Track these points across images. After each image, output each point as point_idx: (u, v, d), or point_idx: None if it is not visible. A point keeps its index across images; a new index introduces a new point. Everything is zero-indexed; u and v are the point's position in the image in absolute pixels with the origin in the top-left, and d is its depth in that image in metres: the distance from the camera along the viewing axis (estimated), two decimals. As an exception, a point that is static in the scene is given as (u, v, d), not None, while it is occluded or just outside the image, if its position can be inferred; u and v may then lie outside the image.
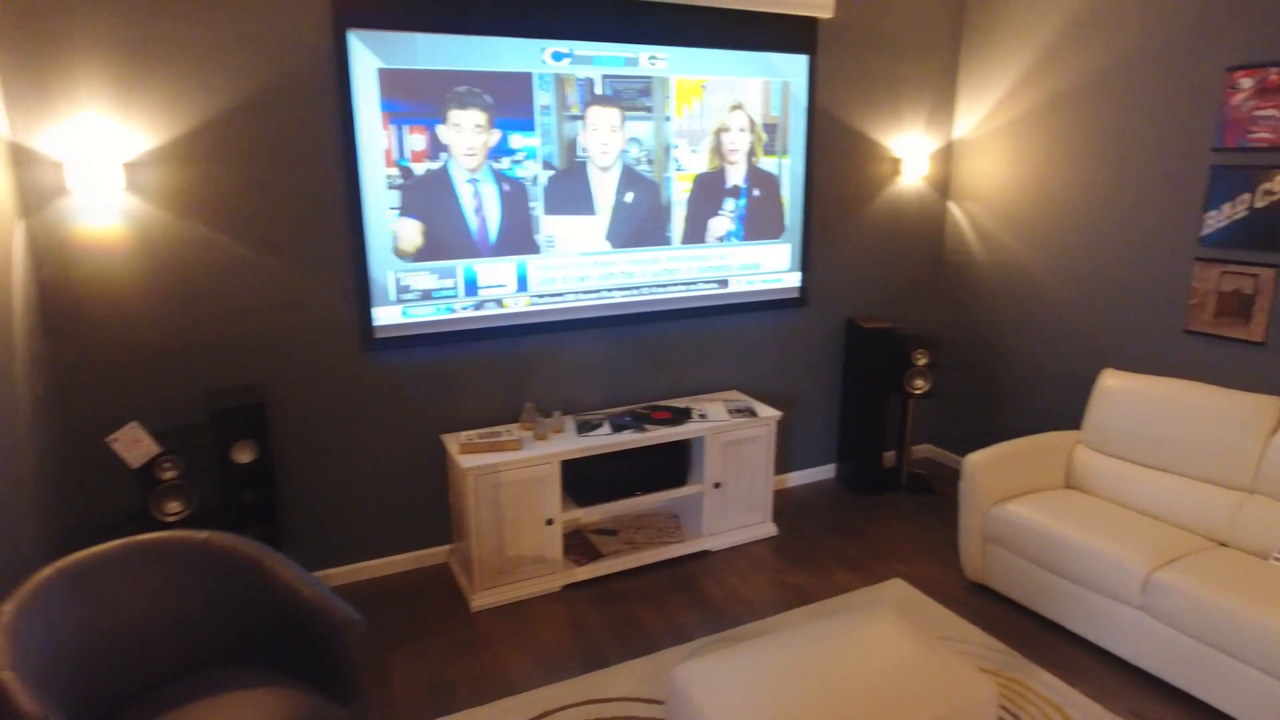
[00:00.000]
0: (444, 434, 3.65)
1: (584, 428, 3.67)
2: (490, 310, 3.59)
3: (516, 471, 3.36)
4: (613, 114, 3.65)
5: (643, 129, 3.73)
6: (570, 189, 3.63)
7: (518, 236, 3.57)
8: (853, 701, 2.18)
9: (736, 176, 4.03)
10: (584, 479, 3.59)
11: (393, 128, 3.24)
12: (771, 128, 4.06)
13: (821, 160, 4.31)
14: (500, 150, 3.45)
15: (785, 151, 4.13)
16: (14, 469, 2.47)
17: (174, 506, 3.00)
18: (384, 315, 3.39)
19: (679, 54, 3.73)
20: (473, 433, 3.52)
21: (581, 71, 3.54)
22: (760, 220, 4.15)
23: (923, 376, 4.47)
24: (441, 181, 3.37)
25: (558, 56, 3.48)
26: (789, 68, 4.03)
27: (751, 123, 4.00)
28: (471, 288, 3.53)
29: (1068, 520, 3.20)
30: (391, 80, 3.20)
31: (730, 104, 3.92)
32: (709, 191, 3.98)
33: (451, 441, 3.53)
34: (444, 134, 3.34)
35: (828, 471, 4.83)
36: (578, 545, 3.81)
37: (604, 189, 3.71)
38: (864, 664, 2.33)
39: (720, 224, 4.05)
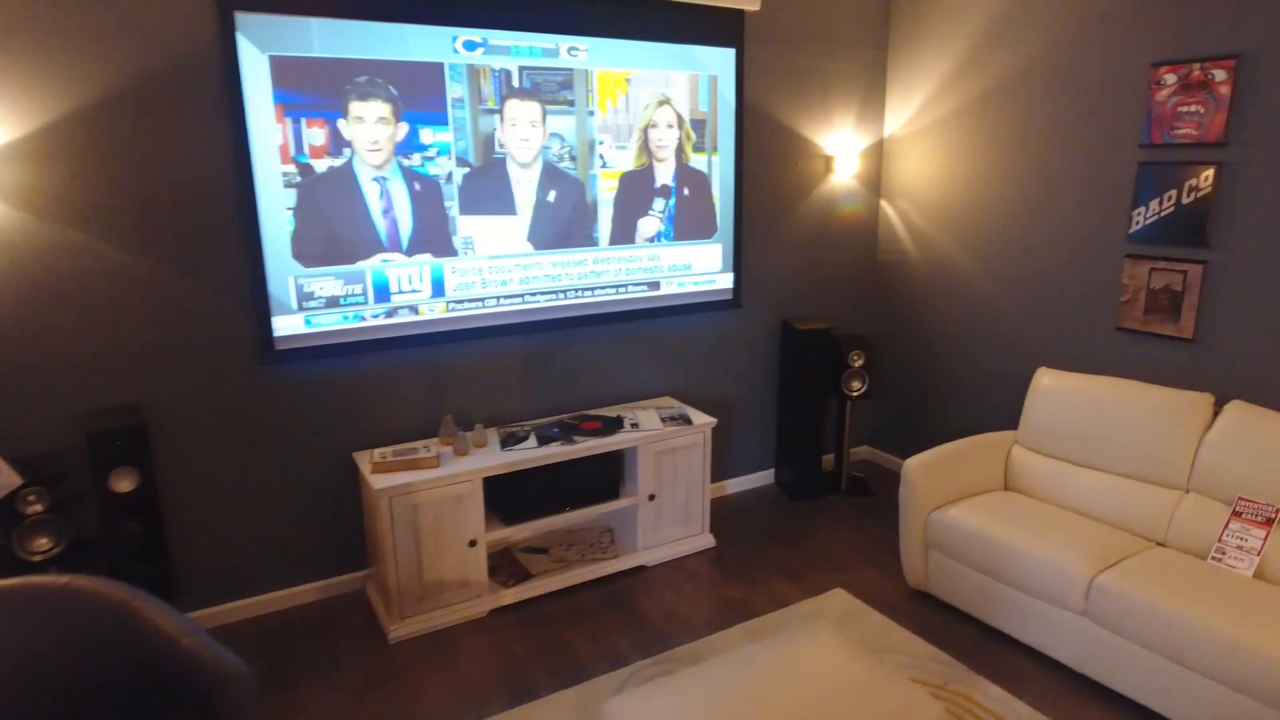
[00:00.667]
0: (356, 452, 3.39)
1: (509, 441, 3.45)
2: (404, 318, 3.34)
3: (434, 491, 3.13)
4: (532, 108, 3.44)
5: (565, 124, 3.53)
6: (488, 187, 3.41)
7: (432, 238, 3.33)
8: (793, 734, 2.02)
9: (665, 175, 3.87)
10: (509, 496, 3.37)
11: (288, 121, 2.97)
12: (700, 124, 3.91)
13: (752, 158, 4.18)
14: (409, 146, 3.21)
15: (715, 149, 3.98)
16: None
17: (42, 544, 2.68)
18: (285, 325, 3.11)
19: (600, 45, 3.55)
20: (386, 450, 3.27)
21: (497, 62, 3.33)
22: (691, 220, 3.99)
23: (859, 378, 4.39)
24: (345, 179, 3.12)
25: (470, 46, 3.26)
26: (716, 62, 3.88)
27: (679, 119, 3.84)
28: (382, 294, 3.27)
29: (1008, 525, 3.12)
30: (284, 69, 2.93)
31: (657, 99, 3.75)
32: (637, 190, 3.80)
33: (363, 460, 3.27)
34: (345, 128, 3.08)
35: (766, 477, 4.70)
36: (505, 565, 3.58)
37: (525, 187, 3.50)
38: (805, 691, 2.18)
39: (649, 224, 3.88)
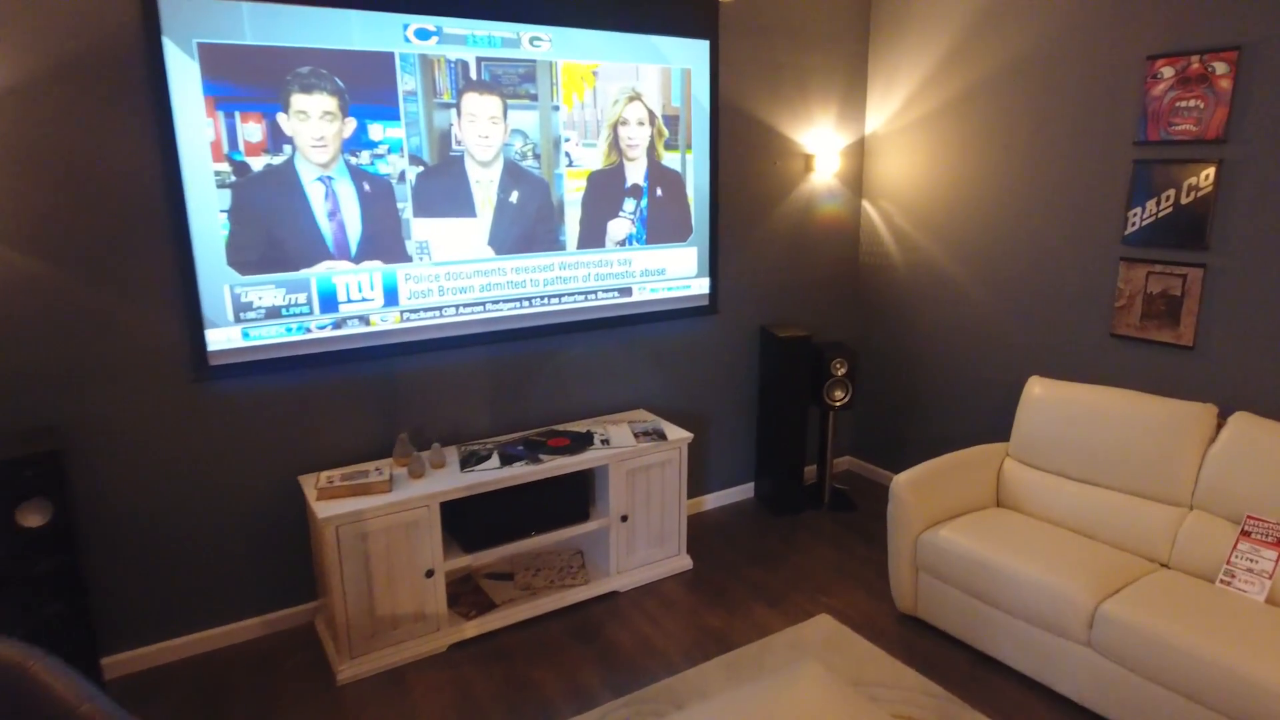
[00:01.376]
0: (302, 475, 3.12)
1: (469, 460, 3.20)
2: (354, 329, 3.08)
3: (387, 518, 2.87)
4: (492, 102, 3.20)
5: (527, 119, 3.29)
6: (445, 187, 3.16)
7: (383, 243, 3.07)
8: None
9: (636, 174, 3.64)
10: (470, 521, 3.12)
11: (220, 115, 2.70)
12: (673, 120, 3.69)
13: (728, 156, 3.96)
14: (357, 143, 2.95)
15: (689, 147, 3.76)
16: None
17: (-63, 588, 2.39)
18: (220, 338, 2.84)
19: (565, 35, 3.31)
20: (334, 473, 3.00)
21: (453, 52, 3.08)
22: (664, 222, 3.77)
23: (842, 387, 4.19)
24: (285, 179, 2.85)
25: (423, 35, 3.01)
26: (689, 55, 3.66)
27: (651, 115, 3.62)
28: (329, 303, 3.01)
29: (1004, 546, 2.93)
30: (215, 57, 2.66)
31: (627, 94, 3.53)
32: (606, 190, 3.57)
33: (309, 484, 3.00)
34: (286, 123, 2.82)
35: (745, 491, 4.49)
36: (468, 594, 3.33)
37: (485, 187, 3.25)
38: (792, 746, 1.95)
39: (620, 226, 3.65)
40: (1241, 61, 2.86)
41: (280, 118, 2.81)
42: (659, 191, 3.72)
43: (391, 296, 3.13)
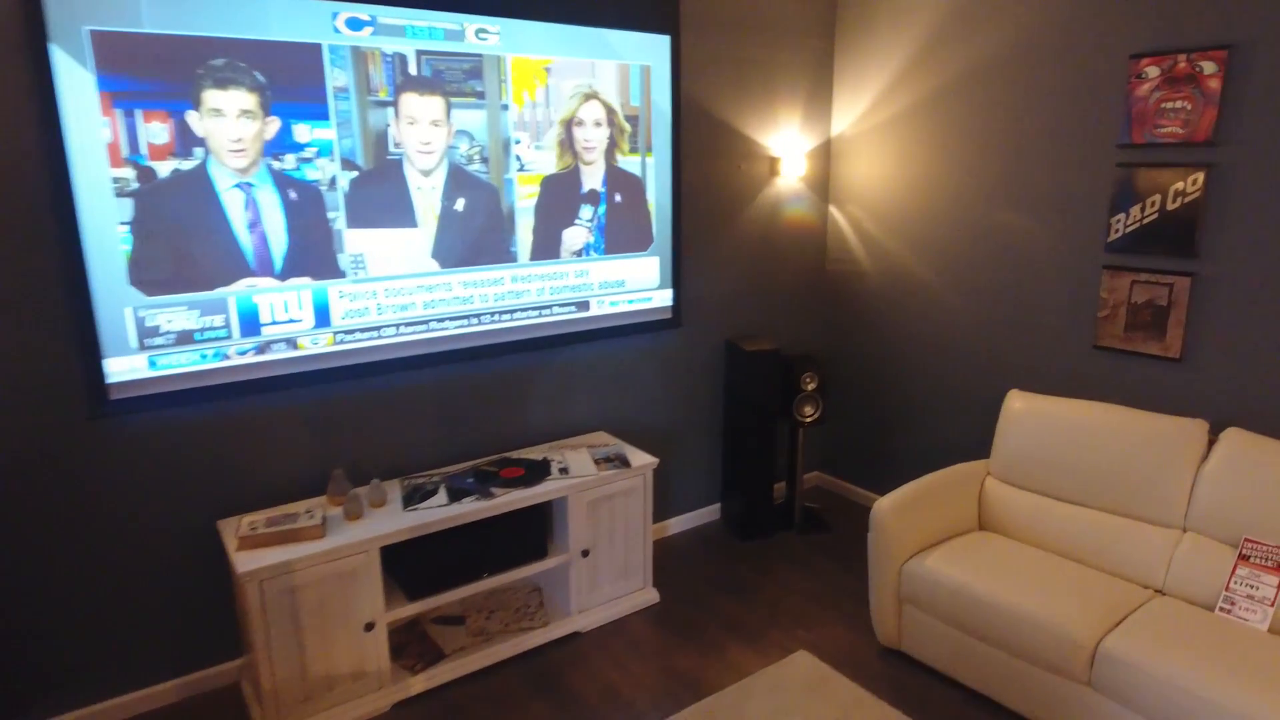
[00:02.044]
0: (222, 519, 2.77)
1: (413, 496, 2.89)
2: (280, 353, 2.75)
3: (319, 568, 2.55)
4: (434, 102, 2.90)
5: (474, 119, 3.00)
6: (382, 195, 2.85)
7: (312, 257, 2.75)
8: None
9: (594, 179, 3.37)
10: (414, 565, 2.81)
11: (118, 113, 2.35)
12: (633, 120, 3.43)
13: (691, 159, 3.72)
14: (281, 145, 2.63)
15: (649, 149, 3.51)
16: None
17: None
18: (122, 367, 2.49)
19: (514, 27, 3.03)
20: (259, 517, 2.67)
21: (389, 44, 2.78)
22: (624, 230, 3.51)
23: (812, 402, 3.98)
24: (198, 186, 2.51)
25: (355, 24, 2.70)
26: (648, 50, 3.41)
27: (609, 115, 3.35)
28: (251, 326, 2.68)
29: (995, 578, 2.73)
30: (111, 47, 2.32)
31: (582, 91, 3.26)
32: (561, 196, 3.30)
33: (229, 531, 2.66)
34: (197, 122, 2.48)
35: (712, 513, 4.25)
36: (413, 643, 3.02)
37: (427, 194, 2.95)
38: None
39: (576, 235, 3.37)
40: (1231, 61, 2.72)
41: (190, 117, 2.47)
42: (618, 197, 3.46)
43: (323, 316, 2.81)
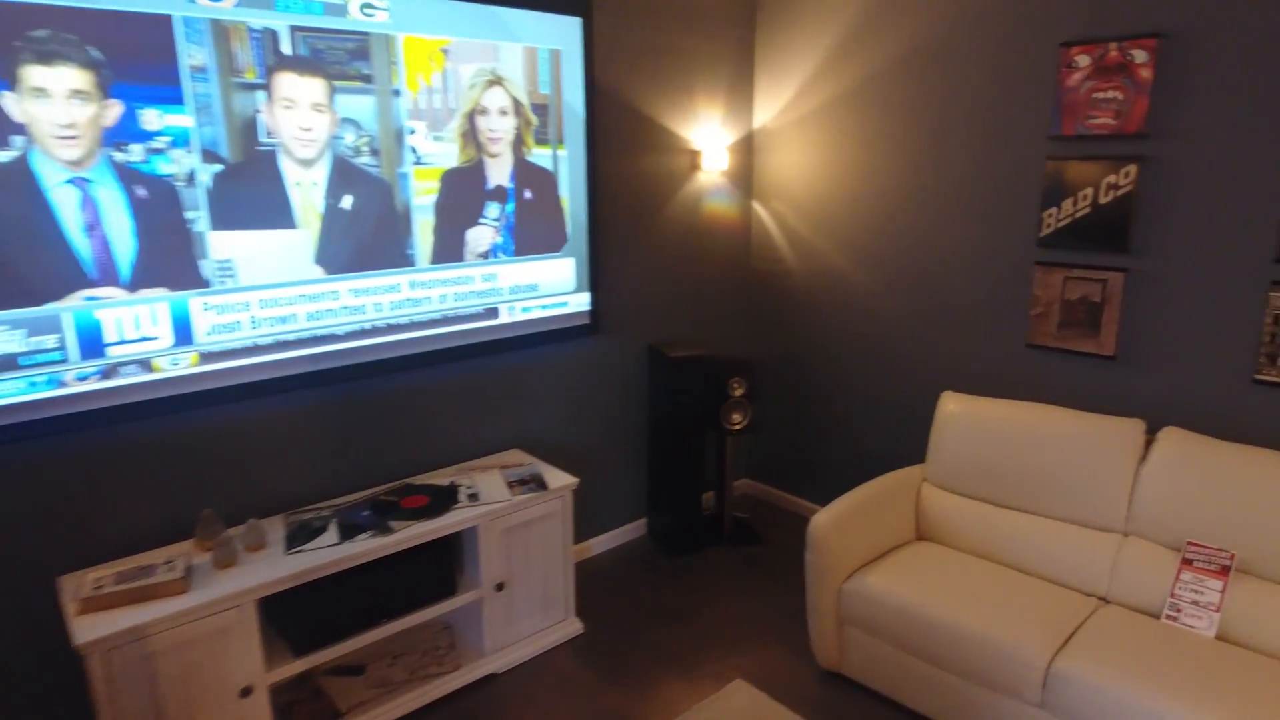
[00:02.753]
0: (63, 575, 2.35)
1: (298, 536, 2.54)
2: (131, 377, 2.35)
3: (182, 629, 2.17)
4: (314, 85, 2.54)
5: (362, 106, 2.66)
6: (253, 191, 2.48)
7: (169, 264, 2.36)
8: None
9: (500, 173, 3.07)
10: (301, 615, 2.45)
11: (-96, 91, 1.93)
12: (541, 110, 3.14)
13: (607, 152, 3.46)
14: (126, 133, 2.23)
15: (561, 141, 3.23)
16: None
17: None
18: (-75, 402, 2.05)
19: (405, 3, 2.70)
20: (107, 571, 2.27)
21: (256, 19, 2.41)
22: (535, 229, 3.21)
23: (740, 409, 3.77)
24: (18, 182, 2.10)
25: (212, -8, 2.33)
26: (558, 33, 3.13)
27: (516, 103, 3.06)
28: (93, 346, 2.27)
29: (939, 594, 2.58)
30: (-111, 9, 1.89)
31: (485, 77, 2.95)
32: (464, 193, 2.98)
33: (71, 589, 2.25)
34: (16, 105, 2.07)
35: (638, 529, 4.00)
36: (304, 701, 2.66)
37: (308, 191, 2.59)
38: None
39: (482, 235, 3.07)
40: (1163, 50, 2.64)
41: (7, 98, 2.05)
42: (527, 193, 3.17)
43: (184, 333, 2.42)
